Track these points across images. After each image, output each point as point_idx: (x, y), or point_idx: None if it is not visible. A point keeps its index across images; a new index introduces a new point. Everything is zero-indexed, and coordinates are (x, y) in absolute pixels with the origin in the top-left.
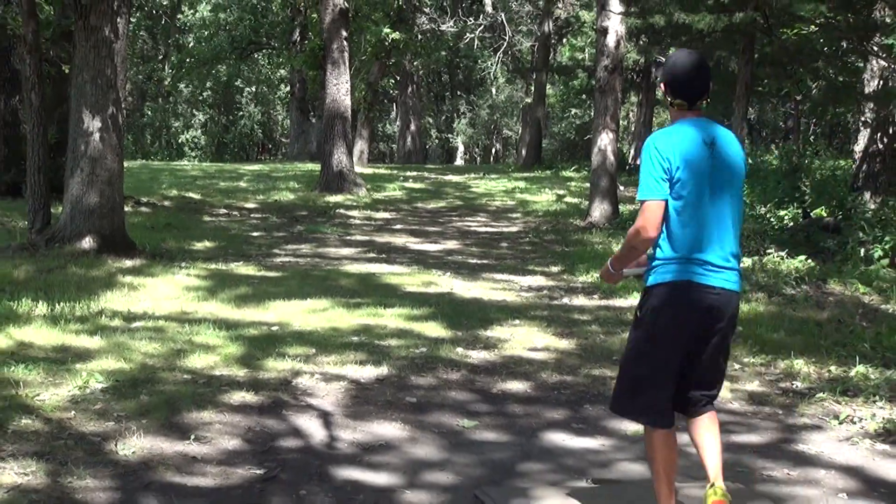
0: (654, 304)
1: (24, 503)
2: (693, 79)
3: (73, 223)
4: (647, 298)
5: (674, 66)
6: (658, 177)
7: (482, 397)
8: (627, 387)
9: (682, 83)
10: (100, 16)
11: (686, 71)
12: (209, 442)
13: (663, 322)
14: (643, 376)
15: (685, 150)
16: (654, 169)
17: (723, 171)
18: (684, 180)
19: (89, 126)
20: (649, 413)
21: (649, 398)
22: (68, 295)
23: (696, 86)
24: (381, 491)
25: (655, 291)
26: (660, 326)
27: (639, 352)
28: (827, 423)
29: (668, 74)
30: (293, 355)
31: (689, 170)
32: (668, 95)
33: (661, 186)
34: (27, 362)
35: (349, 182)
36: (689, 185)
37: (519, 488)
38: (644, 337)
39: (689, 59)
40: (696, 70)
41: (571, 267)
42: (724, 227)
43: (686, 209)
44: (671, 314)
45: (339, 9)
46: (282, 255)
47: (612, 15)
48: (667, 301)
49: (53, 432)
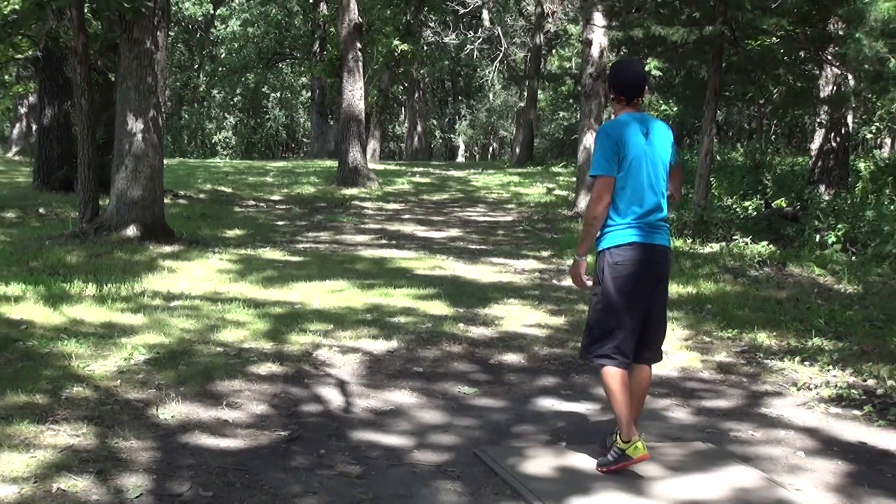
0: (612, 261)
1: (75, 462)
2: (630, 81)
3: (118, 214)
4: (603, 259)
5: (617, 71)
6: (609, 157)
7: (481, 367)
8: (598, 336)
9: (623, 84)
10: (142, 30)
11: (625, 74)
12: (240, 407)
13: (623, 277)
14: (613, 325)
15: (628, 137)
16: (607, 151)
17: (656, 152)
18: (629, 160)
19: (133, 128)
20: (618, 355)
21: (615, 342)
22: (114, 277)
23: (632, 86)
24: (392, 450)
25: (612, 252)
26: (621, 281)
27: (605, 305)
28: (787, 389)
29: (612, 77)
30: (314, 330)
31: (631, 152)
32: (612, 93)
33: (612, 165)
34: (78, 337)
35: (363, 177)
36: (632, 164)
37: (514, 447)
38: (608, 292)
39: (628, 65)
40: (633, 74)
41: (560, 252)
42: (658, 196)
43: (630, 183)
44: (629, 269)
45: (354, 23)
46: (303, 241)
47: (596, 28)
48: (624, 258)
49: (101, 399)
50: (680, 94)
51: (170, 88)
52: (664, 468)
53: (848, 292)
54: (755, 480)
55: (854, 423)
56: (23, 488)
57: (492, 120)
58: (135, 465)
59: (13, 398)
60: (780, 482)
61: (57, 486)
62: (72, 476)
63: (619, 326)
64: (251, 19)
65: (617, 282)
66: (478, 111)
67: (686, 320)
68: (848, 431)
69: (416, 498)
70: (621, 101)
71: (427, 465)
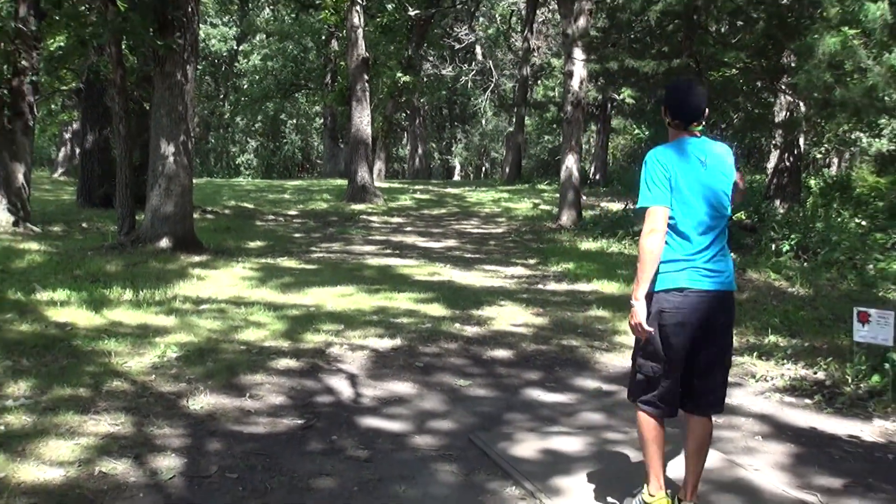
0: (659, 308)
1: (115, 447)
2: (690, 104)
3: (153, 227)
4: (651, 303)
5: (675, 92)
6: (660, 185)
7: (475, 362)
8: (643, 381)
9: (681, 107)
10: (173, 64)
11: (684, 96)
12: (261, 398)
13: (666, 325)
14: (658, 374)
15: (681, 164)
16: (657, 178)
17: (714, 182)
18: (682, 191)
19: (165, 151)
20: (658, 405)
21: (660, 392)
22: (149, 284)
23: (692, 109)
24: (396, 436)
25: (660, 297)
26: (668, 331)
27: (651, 352)
28: (746, 380)
29: (668, 98)
30: (326, 330)
31: (684, 181)
32: (668, 116)
33: (663, 193)
34: (117, 337)
35: (370, 194)
36: (686, 196)
37: (504, 433)
38: (654, 339)
39: (687, 87)
40: (694, 96)
41: (545, 260)
42: (719, 232)
43: (684, 218)
44: (677, 318)
45: (362, 58)
46: (317, 251)
47: (577, 61)
48: (672, 306)
49: (138, 392)
50: (651, 119)
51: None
52: (636, 450)
53: (800, 295)
54: (717, 461)
55: (805, 411)
56: (68, 471)
57: (484, 143)
58: (168, 449)
59: (59, 391)
60: (739, 462)
61: (98, 469)
62: (112, 460)
63: (666, 376)
64: (270, 54)
65: (664, 330)
66: (472, 135)
67: None
68: (800, 418)
69: (418, 478)
70: (678, 126)
71: (427, 449)
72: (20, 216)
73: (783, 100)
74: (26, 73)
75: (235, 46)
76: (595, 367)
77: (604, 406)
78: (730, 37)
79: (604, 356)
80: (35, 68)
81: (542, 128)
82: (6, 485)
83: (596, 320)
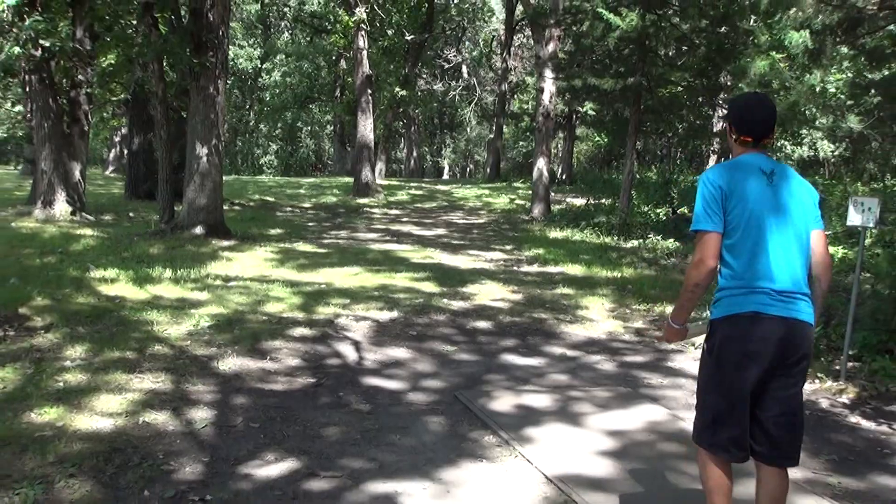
0: (724, 336)
1: (156, 401)
2: (758, 118)
3: (189, 217)
4: (714, 332)
5: (743, 106)
6: (713, 208)
7: (460, 331)
8: (710, 421)
9: (749, 122)
10: (207, 79)
11: (752, 110)
12: (279, 361)
13: (732, 356)
14: (722, 411)
15: (740, 180)
16: (709, 201)
17: (784, 203)
18: (746, 211)
19: (200, 152)
20: (730, 448)
21: (729, 433)
22: (185, 264)
23: (761, 124)
24: (393, 392)
25: (724, 324)
26: (729, 361)
27: (718, 387)
28: (686, 348)
29: (735, 114)
30: (335, 304)
31: (746, 201)
32: (734, 133)
33: (715, 218)
34: (159, 308)
35: (372, 190)
36: (751, 217)
37: (484, 391)
38: (721, 372)
39: (756, 101)
40: (763, 110)
41: (520, 246)
42: (789, 257)
43: (749, 241)
44: (739, 347)
45: (366, 75)
46: (328, 238)
47: (547, 79)
48: (739, 333)
49: (176, 355)
50: (609, 129)
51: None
52: (595, 406)
53: None
54: (662, 415)
55: None
56: (117, 421)
57: (469, 147)
58: (201, 403)
59: (110, 354)
60: (681, 417)
61: (142, 420)
62: (153, 412)
63: (731, 415)
64: (289, 71)
65: (731, 361)
66: (458, 141)
67: (612, 296)
68: None
69: (411, 428)
70: (746, 143)
71: (419, 404)
72: (77, 207)
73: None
74: (82, 86)
75: (259, 65)
76: (561, 336)
77: (568, 368)
78: (676, 59)
79: (568, 327)
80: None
81: (517, 135)
82: (65, 432)
83: (562, 297)
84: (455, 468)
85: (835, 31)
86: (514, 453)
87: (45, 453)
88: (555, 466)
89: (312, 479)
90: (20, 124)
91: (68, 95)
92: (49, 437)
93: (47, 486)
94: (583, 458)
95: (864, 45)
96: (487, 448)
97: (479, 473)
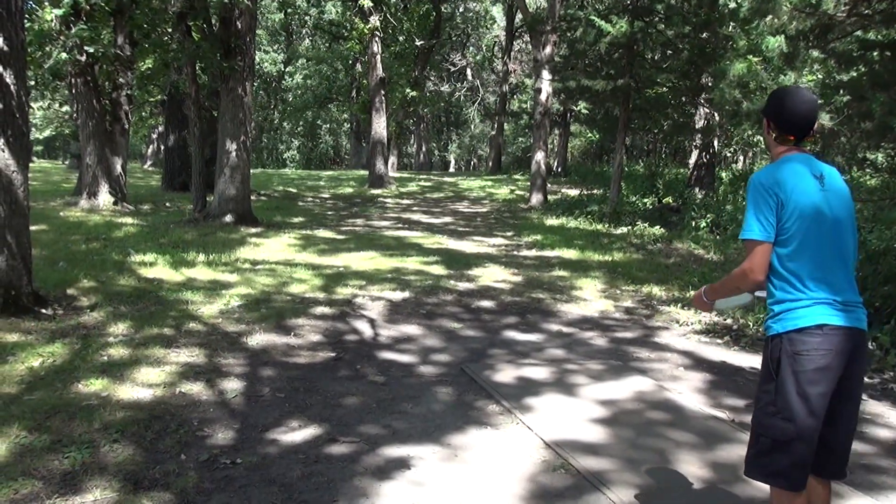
0: (793, 350)
1: (191, 374)
2: (802, 113)
3: (220, 206)
4: (780, 348)
5: (783, 101)
6: (765, 216)
7: (466, 310)
8: (768, 447)
9: (792, 118)
10: (235, 81)
11: (795, 106)
12: (303, 337)
13: (810, 371)
14: (791, 436)
15: (795, 185)
16: (761, 207)
17: (835, 204)
18: (801, 214)
19: (229, 148)
20: (790, 475)
21: (792, 458)
22: (217, 249)
23: (804, 119)
24: (405, 365)
25: (793, 338)
26: (808, 378)
27: (782, 409)
28: (672, 325)
29: (774, 108)
30: (353, 285)
31: (800, 205)
32: (774, 131)
33: (768, 227)
34: (193, 289)
35: (385, 182)
36: (807, 220)
37: (488, 364)
38: (787, 392)
39: (797, 95)
40: (805, 104)
41: (519, 232)
42: (849, 266)
43: (808, 246)
44: (818, 361)
45: (380, 77)
46: (346, 225)
47: (544, 81)
48: (811, 346)
49: (209, 331)
50: (600, 126)
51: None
52: (589, 378)
53: (714, 260)
54: (650, 386)
55: (718, 348)
56: (156, 391)
57: (473, 143)
58: (231, 375)
59: (149, 331)
60: (666, 387)
61: (179, 390)
62: (189, 383)
63: (801, 437)
64: (310, 74)
65: (802, 379)
66: (463, 137)
67: (604, 278)
68: (713, 354)
69: (422, 397)
70: (787, 142)
71: (429, 375)
72: (118, 197)
73: (702, 111)
74: (123, 88)
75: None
76: (557, 315)
77: (564, 344)
78: (662, 62)
79: (564, 306)
80: (129, 84)
81: (517, 131)
82: (109, 401)
83: (558, 279)
84: (462, 434)
85: (807, 36)
86: (516, 421)
87: (91, 420)
88: (552, 432)
89: (333, 444)
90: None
91: (110, 97)
92: (95, 405)
93: (94, 449)
94: (578, 424)
95: (834, 49)
96: (491, 416)
97: (483, 439)
